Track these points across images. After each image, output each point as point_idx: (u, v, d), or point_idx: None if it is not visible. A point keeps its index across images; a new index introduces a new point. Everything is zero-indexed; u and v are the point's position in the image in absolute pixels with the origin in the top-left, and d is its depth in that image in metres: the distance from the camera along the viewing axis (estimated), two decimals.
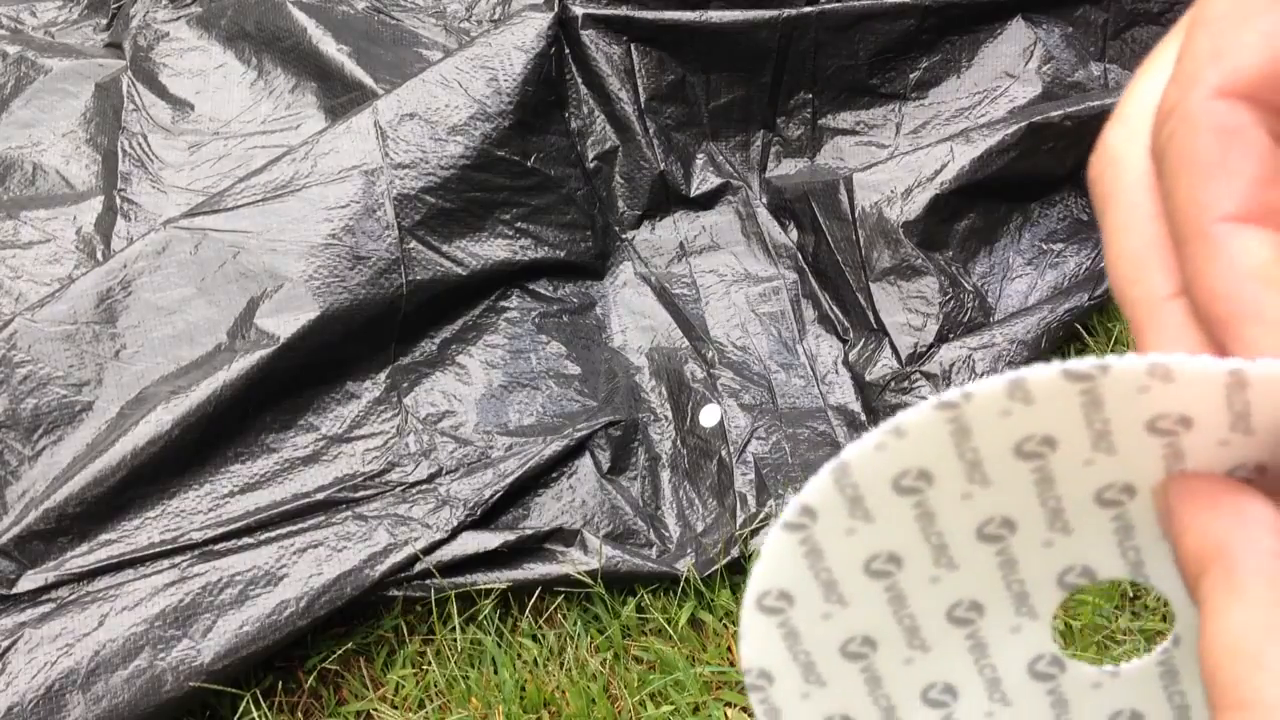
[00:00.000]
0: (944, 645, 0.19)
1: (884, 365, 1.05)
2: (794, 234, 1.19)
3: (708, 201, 1.22)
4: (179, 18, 1.37)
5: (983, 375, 0.72)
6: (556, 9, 1.14)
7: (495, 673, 0.90)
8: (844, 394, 1.08)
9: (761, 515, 0.98)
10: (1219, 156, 0.16)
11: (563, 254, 1.14)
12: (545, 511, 0.99)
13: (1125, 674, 0.20)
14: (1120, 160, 0.19)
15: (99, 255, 1.12)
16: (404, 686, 0.91)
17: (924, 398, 0.60)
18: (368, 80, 1.22)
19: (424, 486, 0.97)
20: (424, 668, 0.92)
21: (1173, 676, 0.20)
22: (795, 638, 0.19)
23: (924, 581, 0.19)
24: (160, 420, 0.91)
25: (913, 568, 0.18)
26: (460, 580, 0.93)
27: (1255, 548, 0.16)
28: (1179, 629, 0.19)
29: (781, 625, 0.19)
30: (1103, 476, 0.18)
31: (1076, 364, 0.16)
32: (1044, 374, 0.16)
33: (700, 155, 1.23)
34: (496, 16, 1.35)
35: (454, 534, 0.94)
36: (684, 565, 0.94)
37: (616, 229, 1.20)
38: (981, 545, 0.18)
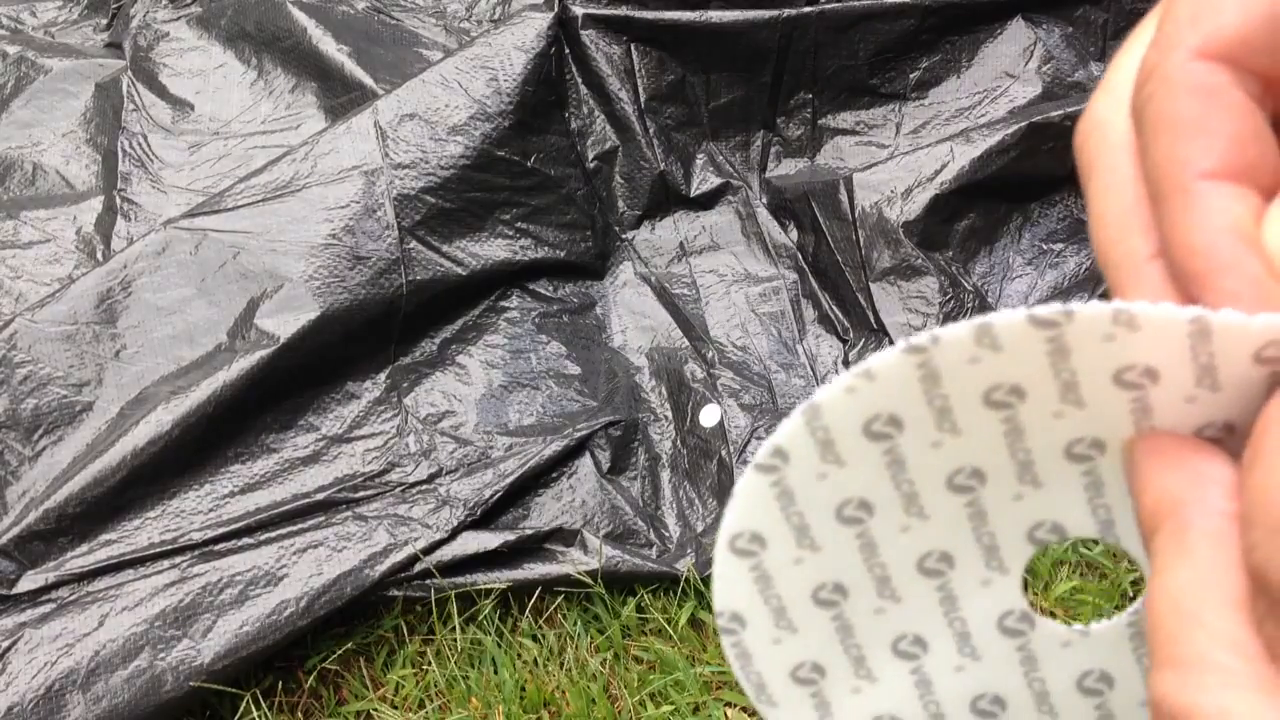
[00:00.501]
0: (914, 596, 0.19)
1: None
2: (794, 234, 1.19)
3: (708, 201, 1.22)
4: (179, 18, 1.36)
5: None
6: (556, 9, 1.14)
7: (495, 673, 0.90)
8: None
9: None
10: (1197, 115, 0.17)
11: (563, 254, 1.14)
12: (545, 511, 0.98)
13: (1095, 634, 0.20)
14: (1104, 126, 0.19)
15: (99, 255, 1.12)
16: (404, 686, 0.91)
17: None
18: (368, 80, 1.22)
19: (424, 486, 0.97)
20: (424, 668, 0.92)
21: (1142, 638, 0.20)
22: (767, 581, 0.19)
23: (894, 530, 0.18)
24: (160, 420, 0.91)
25: (883, 515, 0.18)
26: (460, 580, 0.93)
27: (1207, 508, 0.16)
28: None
29: (754, 569, 0.19)
30: (1072, 430, 0.17)
31: (1042, 309, 0.16)
32: (1010, 319, 0.16)
33: (700, 155, 1.23)
34: (496, 16, 1.35)
35: (454, 534, 0.94)
36: (684, 565, 0.94)
37: (616, 229, 1.20)
38: (951, 495, 0.18)
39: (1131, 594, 0.91)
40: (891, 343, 1.06)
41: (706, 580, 0.94)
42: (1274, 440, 0.15)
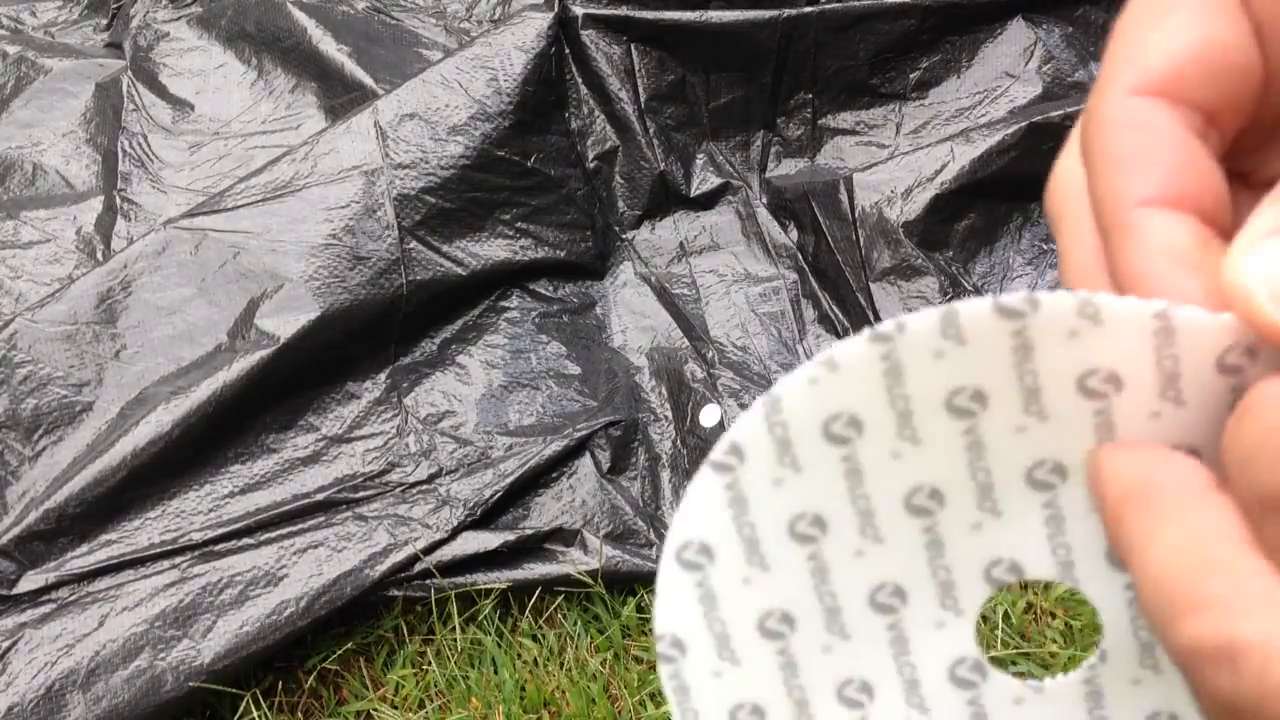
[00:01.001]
0: (864, 634, 0.18)
1: None
2: (794, 234, 1.19)
3: (708, 201, 1.22)
4: (179, 18, 1.36)
5: None
6: (556, 9, 1.14)
7: (495, 673, 0.90)
8: None
9: None
10: (1133, 149, 0.17)
11: (563, 254, 1.14)
12: (545, 511, 0.99)
13: (1049, 691, 0.19)
14: (1067, 182, 0.19)
15: (99, 255, 1.12)
16: (404, 686, 0.91)
17: None
18: (368, 80, 1.22)
19: (424, 487, 0.97)
20: (424, 668, 0.92)
21: (1097, 698, 0.19)
22: (712, 601, 0.18)
23: (848, 554, 0.18)
24: (160, 420, 0.91)
25: (837, 535, 0.18)
26: (460, 580, 0.93)
27: (1180, 477, 0.16)
28: (1106, 644, 0.18)
29: (700, 585, 0.18)
30: (1034, 449, 0.17)
31: (1008, 297, 0.16)
32: (976, 307, 0.16)
33: (700, 155, 1.23)
34: (496, 16, 1.35)
35: (454, 534, 0.94)
36: None
37: (616, 229, 1.20)
38: (909, 519, 0.18)
39: None
40: None
41: None
42: (1264, 396, 0.15)
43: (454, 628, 0.92)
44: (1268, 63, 0.17)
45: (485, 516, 0.96)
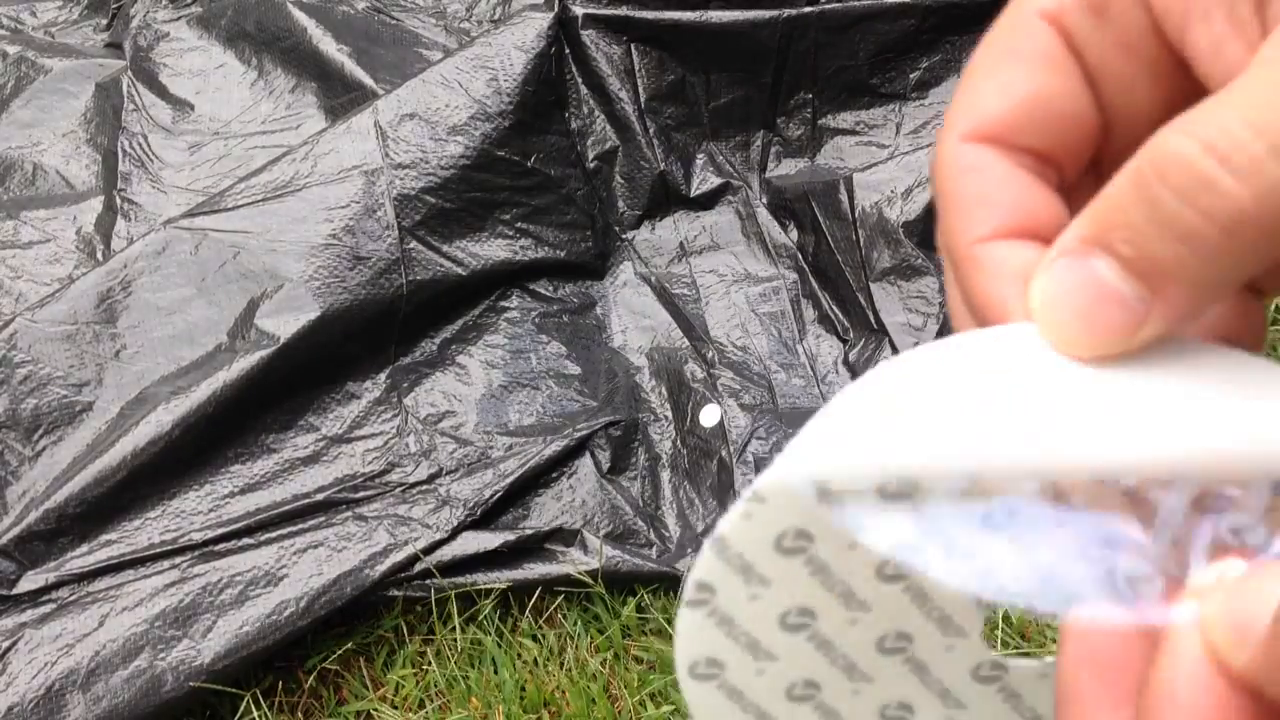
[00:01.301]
0: (885, 672, 0.19)
1: None
2: (794, 234, 1.19)
3: (708, 201, 1.22)
4: (179, 18, 1.36)
5: None
6: (556, 9, 1.14)
7: (495, 673, 0.90)
8: None
9: None
10: (973, 190, 0.19)
11: (563, 254, 1.14)
12: (545, 511, 0.99)
13: None
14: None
15: (99, 255, 1.12)
16: (404, 686, 0.91)
17: None
18: (368, 80, 1.22)
19: (424, 487, 0.97)
20: (424, 668, 0.92)
21: None
22: (738, 695, 0.19)
23: (843, 625, 0.19)
24: (160, 420, 0.91)
25: (827, 616, 0.18)
26: (460, 580, 0.93)
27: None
28: None
29: (720, 687, 0.19)
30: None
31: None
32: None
33: (700, 155, 1.23)
34: (496, 16, 1.35)
35: (454, 534, 0.94)
36: (684, 565, 0.94)
37: (616, 229, 1.20)
38: (887, 584, 0.18)
39: None
40: (892, 342, 1.06)
41: None
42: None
43: (454, 628, 0.92)
44: (1104, 109, 0.19)
45: (485, 516, 0.96)
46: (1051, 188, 0.19)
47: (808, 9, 1.19)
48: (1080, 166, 0.20)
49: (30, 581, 0.87)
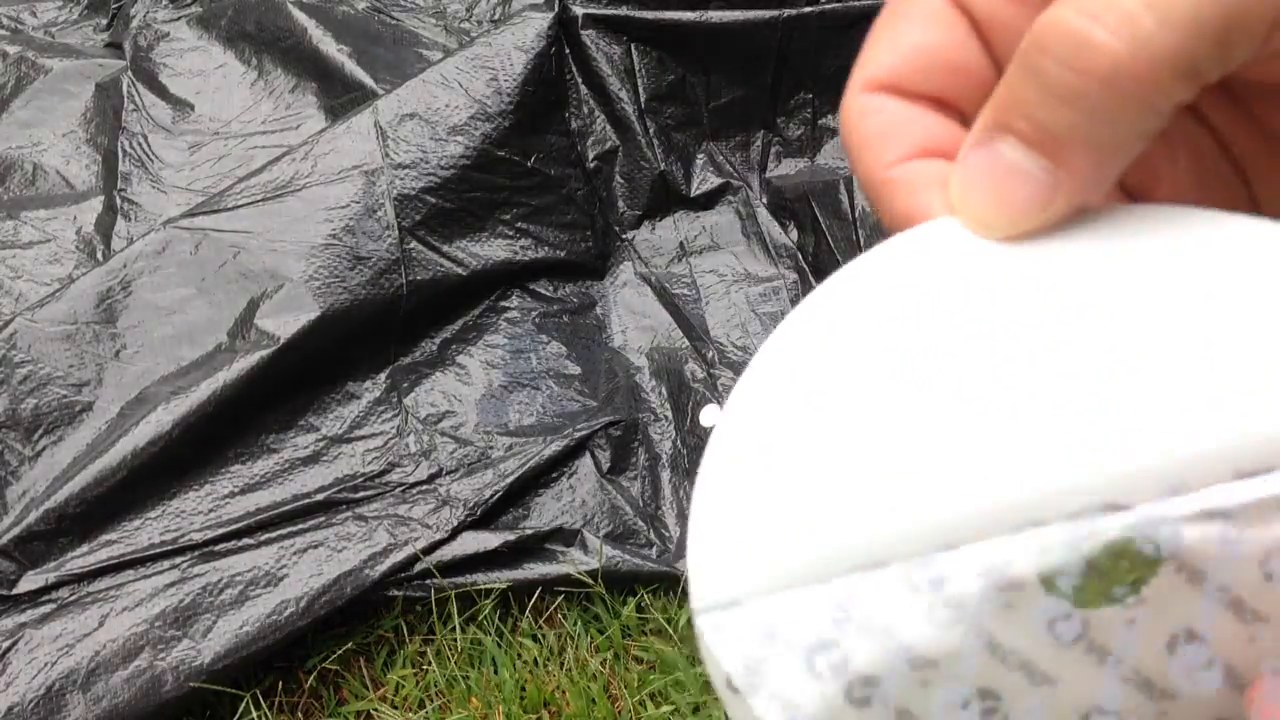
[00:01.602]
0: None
1: None
2: (794, 234, 1.19)
3: (708, 201, 1.22)
4: (179, 18, 1.36)
5: None
6: (556, 9, 1.14)
7: (495, 673, 0.90)
8: None
9: None
10: (879, 128, 0.20)
11: (563, 254, 1.14)
12: (545, 511, 0.98)
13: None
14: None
15: (99, 255, 1.12)
16: (404, 686, 0.91)
17: None
18: (368, 80, 1.22)
19: (424, 487, 0.97)
20: (424, 668, 0.92)
21: None
22: None
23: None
24: (160, 420, 0.91)
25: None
26: (460, 580, 0.93)
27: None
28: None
29: None
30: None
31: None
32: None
33: (700, 155, 1.23)
34: (496, 16, 1.35)
35: (454, 534, 0.94)
36: (684, 565, 0.94)
37: (616, 229, 1.20)
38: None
39: None
40: None
41: None
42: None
43: (454, 628, 0.92)
44: (997, 58, 0.20)
45: (485, 516, 0.96)
46: (948, 118, 0.20)
47: (808, 9, 1.19)
48: (975, 110, 0.20)
49: (30, 581, 0.87)
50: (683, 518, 1.01)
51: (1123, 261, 0.18)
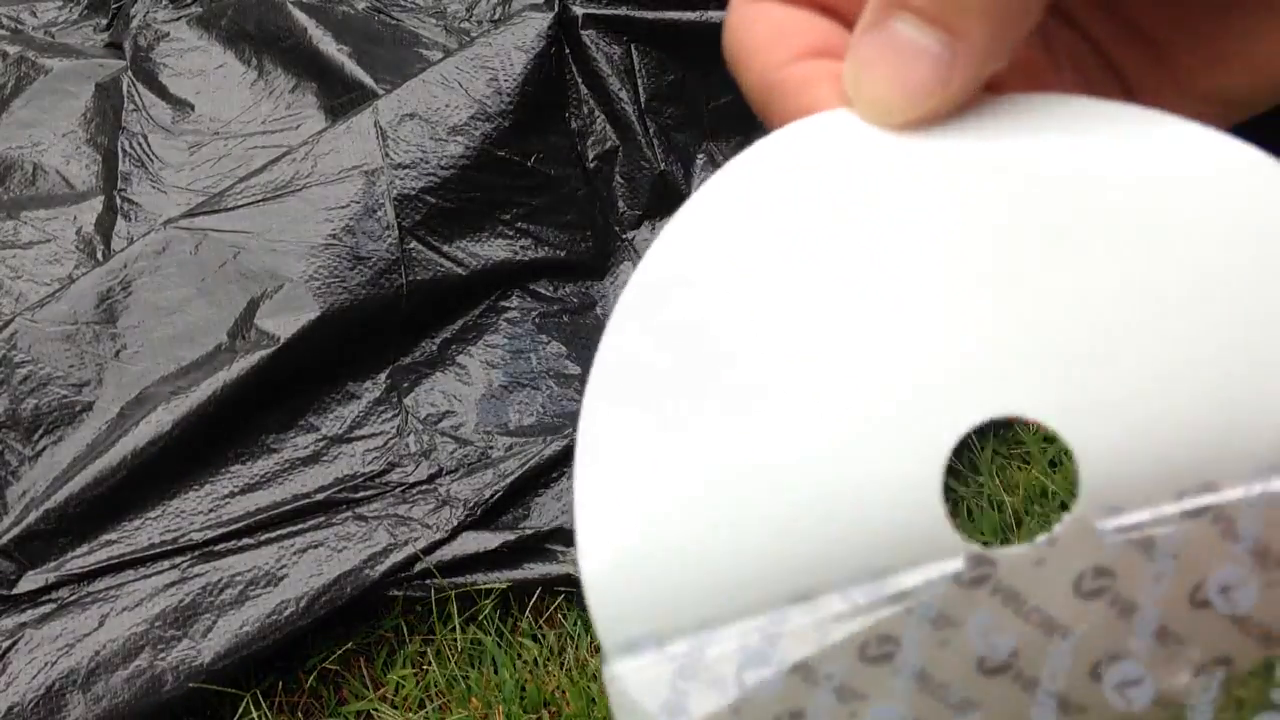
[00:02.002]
0: None
1: None
2: None
3: None
4: (179, 18, 1.36)
5: None
6: (556, 9, 1.14)
7: (495, 673, 0.90)
8: None
9: None
10: (763, 32, 0.20)
11: (563, 254, 1.14)
12: (545, 511, 0.98)
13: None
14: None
15: (99, 255, 1.12)
16: (404, 686, 0.91)
17: None
18: (368, 80, 1.22)
19: (424, 487, 0.97)
20: (424, 668, 0.92)
21: None
22: None
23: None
24: (160, 420, 0.91)
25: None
26: (460, 580, 0.93)
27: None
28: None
29: None
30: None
31: None
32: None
33: (700, 155, 1.23)
34: (496, 16, 1.35)
35: (454, 534, 0.94)
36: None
37: (616, 229, 1.20)
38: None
39: None
40: None
41: None
42: None
43: (454, 628, 0.92)
44: None
45: (485, 516, 0.96)
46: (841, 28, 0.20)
47: None
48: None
49: (30, 581, 0.87)
50: None
51: (1024, 155, 0.17)
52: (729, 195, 0.18)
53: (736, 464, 0.16)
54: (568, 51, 1.17)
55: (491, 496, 0.96)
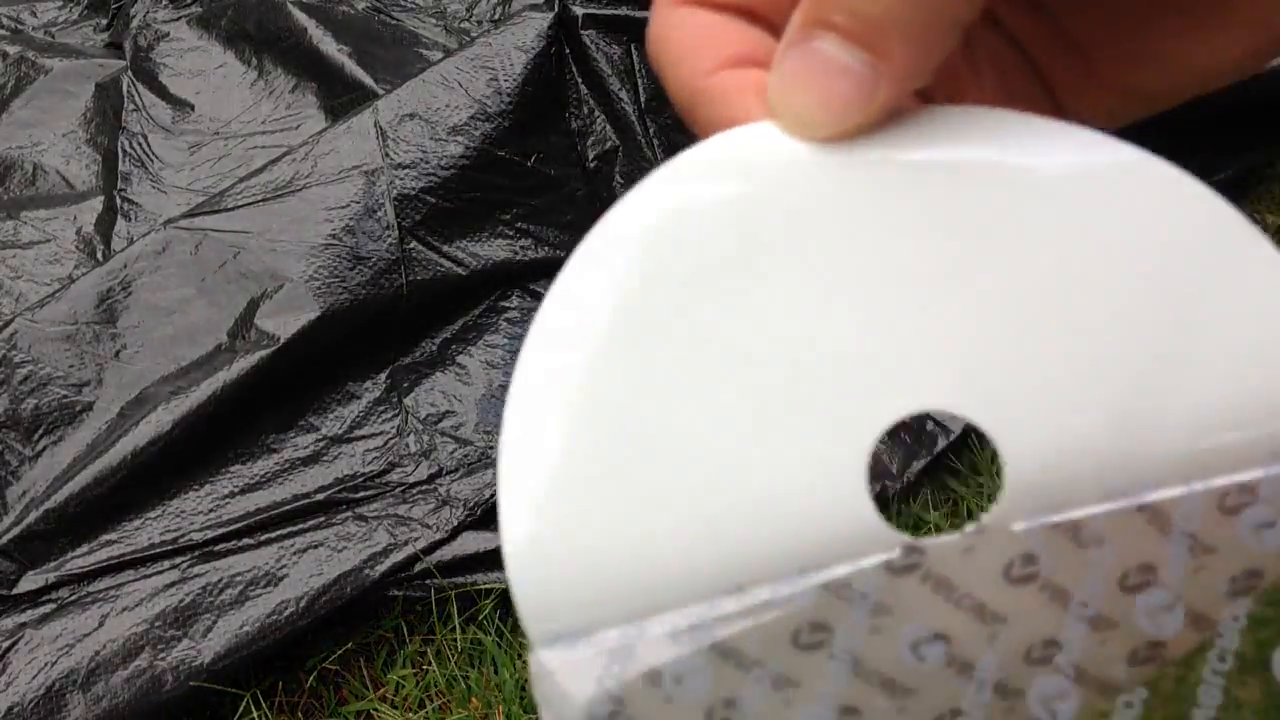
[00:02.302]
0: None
1: None
2: None
3: None
4: (179, 18, 1.36)
5: None
6: (556, 9, 1.14)
7: (495, 673, 0.90)
8: None
9: None
10: (689, 40, 0.19)
11: (563, 254, 1.14)
12: None
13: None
14: None
15: (99, 255, 1.12)
16: (404, 686, 0.91)
17: None
18: (368, 80, 1.22)
19: (424, 487, 0.97)
20: (424, 668, 0.92)
21: None
22: None
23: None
24: (160, 420, 0.91)
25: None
26: (460, 580, 0.93)
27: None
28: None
29: None
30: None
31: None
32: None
33: None
34: (496, 16, 1.35)
35: (454, 534, 0.94)
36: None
37: None
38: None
39: None
40: None
41: None
42: None
43: (454, 628, 0.92)
44: None
45: (485, 516, 0.96)
46: (760, 28, 0.20)
47: None
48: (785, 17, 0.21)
49: (30, 581, 0.87)
50: None
51: (943, 163, 0.18)
52: (654, 205, 0.18)
53: (662, 460, 0.17)
54: (568, 51, 1.17)
55: (492, 496, 0.96)
